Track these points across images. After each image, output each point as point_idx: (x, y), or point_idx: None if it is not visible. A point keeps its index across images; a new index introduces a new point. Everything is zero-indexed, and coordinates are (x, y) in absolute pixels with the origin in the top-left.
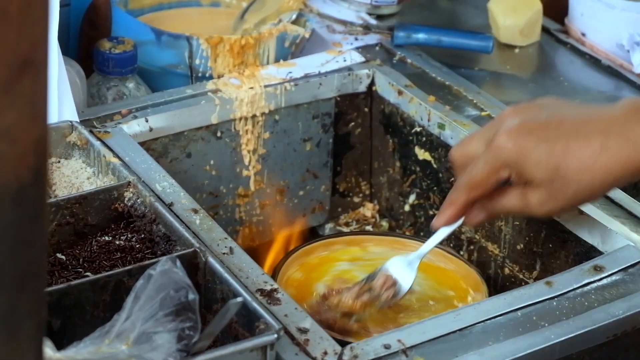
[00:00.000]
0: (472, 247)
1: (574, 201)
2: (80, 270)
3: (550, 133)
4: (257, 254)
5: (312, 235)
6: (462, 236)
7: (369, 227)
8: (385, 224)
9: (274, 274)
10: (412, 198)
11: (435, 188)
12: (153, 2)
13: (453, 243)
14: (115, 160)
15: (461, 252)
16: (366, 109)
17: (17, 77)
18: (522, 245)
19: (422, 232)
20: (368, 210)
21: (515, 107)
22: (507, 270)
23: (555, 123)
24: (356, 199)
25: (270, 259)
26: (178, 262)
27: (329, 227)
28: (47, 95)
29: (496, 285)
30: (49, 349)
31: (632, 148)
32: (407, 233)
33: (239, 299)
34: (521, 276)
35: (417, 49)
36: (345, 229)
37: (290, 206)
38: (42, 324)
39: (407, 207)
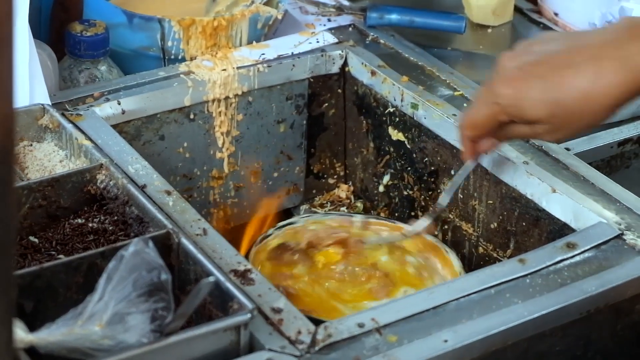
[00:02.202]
0: (446, 226)
1: (580, 128)
2: (53, 253)
3: (544, 69)
4: (232, 236)
5: (286, 217)
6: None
7: (343, 209)
8: (359, 204)
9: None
10: (386, 179)
11: (409, 168)
12: None
13: None
14: (87, 142)
15: (435, 232)
16: (339, 90)
17: None
18: (495, 224)
19: (396, 212)
20: (343, 191)
21: (512, 50)
22: (481, 249)
23: (547, 58)
24: (331, 180)
25: (245, 241)
26: (150, 243)
27: (303, 208)
28: (13, 72)
29: (470, 264)
30: (21, 331)
31: (627, 68)
32: (382, 214)
33: (211, 278)
34: (495, 255)
35: (390, 30)
36: (319, 211)
37: (265, 188)
38: (12, 304)
39: (381, 188)
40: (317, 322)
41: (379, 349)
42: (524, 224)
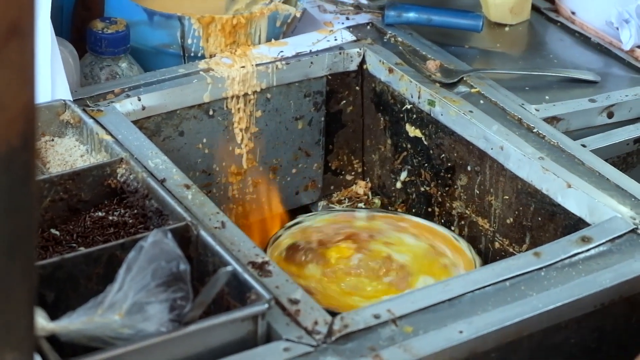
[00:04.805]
0: (462, 222)
1: None
2: (74, 245)
3: None
4: (250, 231)
5: (305, 213)
6: (453, 212)
7: (361, 205)
8: (377, 201)
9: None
10: (403, 175)
11: (426, 165)
12: None
13: (444, 219)
14: (108, 137)
15: (452, 228)
16: (357, 87)
17: (4, 43)
18: (511, 220)
19: (414, 208)
20: (360, 188)
21: None
22: (497, 245)
23: None
24: (348, 177)
25: (263, 237)
26: (169, 234)
27: (321, 204)
28: (34, 62)
29: (487, 259)
30: (42, 319)
31: None
32: (399, 210)
33: (229, 268)
34: (511, 250)
35: (407, 28)
36: (337, 207)
37: (283, 184)
38: (33, 288)
39: (398, 185)
40: (333, 314)
41: (395, 339)
42: (539, 219)
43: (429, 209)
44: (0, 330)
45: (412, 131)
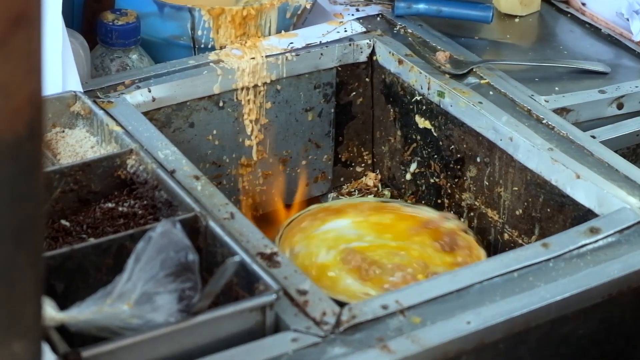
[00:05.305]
0: (472, 213)
1: None
2: (84, 236)
3: None
4: (260, 223)
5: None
6: (463, 203)
7: (371, 196)
8: (387, 193)
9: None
10: (413, 167)
11: (435, 156)
12: None
13: (454, 210)
14: (118, 128)
15: (462, 219)
16: (367, 79)
17: (11, 32)
18: (520, 211)
19: (423, 200)
20: (370, 179)
21: None
22: (506, 236)
23: None
24: (358, 169)
25: (273, 228)
26: (178, 224)
27: (331, 196)
28: (41, 50)
29: (496, 250)
30: (52, 310)
31: None
32: (409, 201)
33: (237, 258)
34: (520, 241)
35: (417, 20)
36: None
37: (293, 176)
38: (40, 277)
39: (408, 176)
40: (341, 304)
41: (403, 330)
42: (548, 210)
43: (439, 201)
44: (7, 319)
45: (422, 122)
